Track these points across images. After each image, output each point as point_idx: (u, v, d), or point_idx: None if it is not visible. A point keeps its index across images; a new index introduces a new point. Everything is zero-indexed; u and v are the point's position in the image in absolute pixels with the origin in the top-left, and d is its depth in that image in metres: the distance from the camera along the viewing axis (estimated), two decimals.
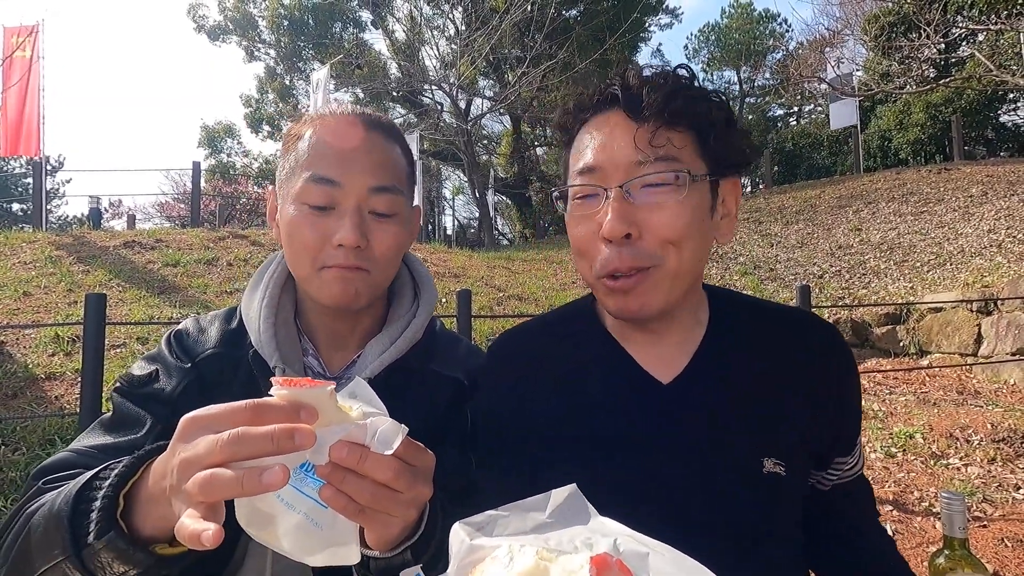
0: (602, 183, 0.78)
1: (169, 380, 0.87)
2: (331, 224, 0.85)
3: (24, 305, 5.55)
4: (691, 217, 0.76)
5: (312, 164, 0.86)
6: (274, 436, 0.50)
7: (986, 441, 4.06)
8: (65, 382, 4.30)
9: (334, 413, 0.56)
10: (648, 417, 0.82)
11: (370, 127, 0.90)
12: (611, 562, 0.46)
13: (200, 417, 0.54)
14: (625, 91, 0.78)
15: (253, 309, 0.92)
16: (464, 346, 1.04)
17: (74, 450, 0.81)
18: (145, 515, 0.60)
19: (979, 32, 11.32)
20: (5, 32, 9.92)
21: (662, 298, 0.79)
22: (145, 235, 8.24)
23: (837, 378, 0.86)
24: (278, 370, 0.85)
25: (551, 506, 0.56)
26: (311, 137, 0.88)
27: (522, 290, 7.46)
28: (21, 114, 9.93)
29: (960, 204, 9.16)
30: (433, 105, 18.13)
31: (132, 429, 0.83)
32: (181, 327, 0.95)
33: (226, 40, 20.78)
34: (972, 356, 5.60)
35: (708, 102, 0.78)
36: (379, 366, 0.89)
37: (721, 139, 0.78)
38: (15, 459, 3.41)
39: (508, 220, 27.19)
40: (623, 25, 15.69)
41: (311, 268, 0.86)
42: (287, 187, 0.88)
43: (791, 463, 0.80)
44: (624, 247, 0.76)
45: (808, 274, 7.87)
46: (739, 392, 0.82)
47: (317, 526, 0.58)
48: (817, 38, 15.31)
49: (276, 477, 0.49)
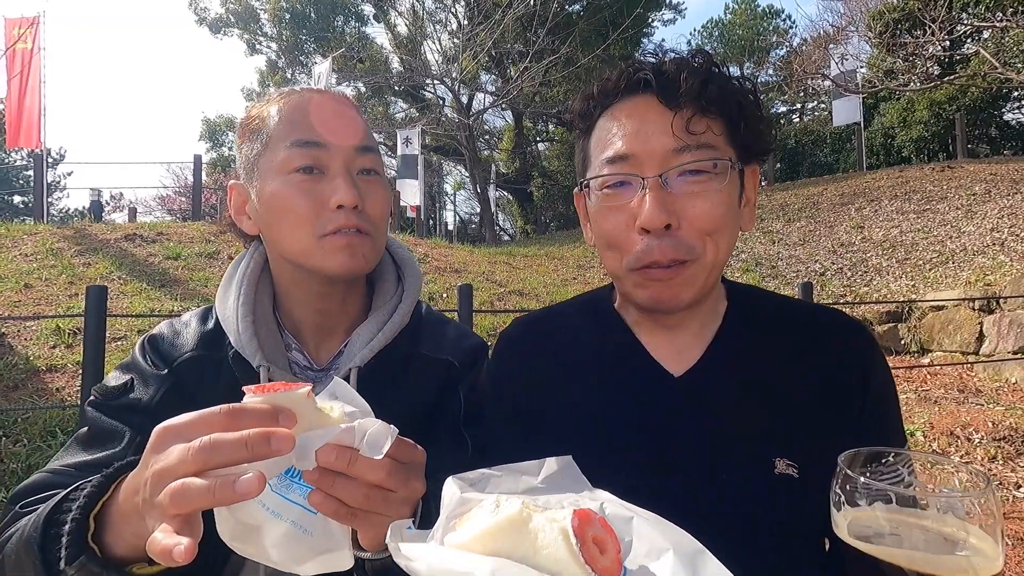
0: (637, 171, 0.75)
1: (146, 389, 0.84)
2: (323, 188, 0.82)
3: (25, 297, 5.55)
4: (728, 207, 0.75)
5: (291, 132, 0.83)
6: (248, 441, 0.48)
7: (987, 440, 4.06)
8: (66, 374, 4.31)
9: (314, 415, 0.54)
10: (658, 409, 0.81)
11: (337, 98, 0.90)
12: (594, 517, 0.46)
13: (173, 426, 0.52)
14: (659, 75, 0.75)
15: (229, 309, 0.88)
16: (452, 328, 1.01)
17: (51, 470, 0.78)
18: (118, 534, 0.58)
19: (984, 29, 11.26)
20: (6, 23, 9.89)
21: (695, 290, 0.78)
22: (146, 228, 8.23)
23: (861, 378, 0.81)
24: (262, 369, 0.82)
25: (544, 472, 0.57)
26: (280, 112, 0.86)
27: (523, 286, 7.46)
28: (22, 106, 9.91)
29: (963, 202, 9.13)
30: (435, 100, 18.09)
31: (110, 443, 0.80)
32: (155, 332, 0.91)
33: (228, 33, 20.71)
34: (974, 354, 5.59)
35: (741, 88, 0.77)
36: (368, 354, 0.86)
37: (750, 127, 0.76)
38: (16, 451, 3.42)
39: (509, 215, 27.15)
40: (626, 20, 15.61)
41: (311, 239, 0.82)
42: (263, 164, 0.85)
43: (806, 465, 0.77)
44: (664, 238, 0.74)
45: (810, 271, 7.85)
46: (752, 388, 0.80)
47: (307, 533, 0.56)
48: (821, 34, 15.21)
49: (251, 485, 0.46)
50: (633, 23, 16.27)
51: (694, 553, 0.48)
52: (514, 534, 0.44)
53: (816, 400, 0.80)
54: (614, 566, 0.45)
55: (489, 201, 17.27)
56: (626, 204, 0.76)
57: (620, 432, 0.81)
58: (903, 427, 0.87)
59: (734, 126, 0.76)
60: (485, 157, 22.08)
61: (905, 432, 0.88)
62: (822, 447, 0.78)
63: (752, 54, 25.60)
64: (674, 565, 0.47)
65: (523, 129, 21.80)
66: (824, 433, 0.79)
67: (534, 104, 17.93)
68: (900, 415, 0.87)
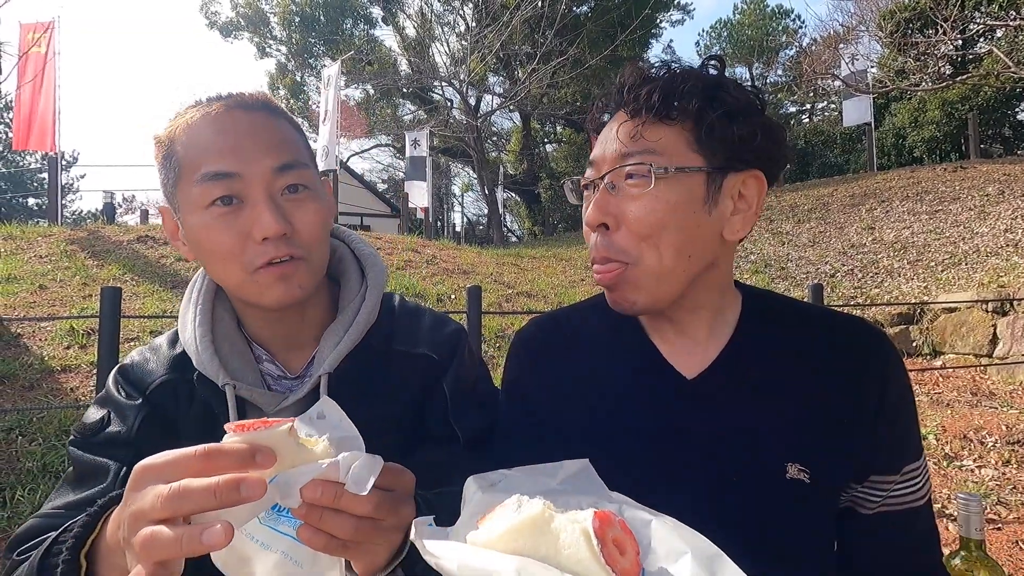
0: (595, 174, 0.81)
1: (123, 421, 0.83)
2: (245, 220, 0.76)
3: (40, 298, 5.63)
4: (666, 211, 0.75)
5: (200, 163, 0.76)
6: (217, 490, 0.47)
7: (1001, 443, 4.01)
8: (80, 374, 4.36)
9: (295, 451, 0.53)
10: (669, 410, 0.81)
11: (249, 108, 0.79)
12: (614, 519, 0.47)
13: (151, 466, 0.51)
14: (620, 88, 0.80)
15: (188, 331, 0.85)
16: (428, 318, 0.96)
17: (43, 514, 0.78)
18: (109, 569, 0.58)
19: (997, 28, 11.13)
20: (22, 28, 10.04)
21: (647, 296, 0.78)
22: (158, 230, 8.31)
23: (878, 386, 0.80)
24: (228, 388, 0.80)
25: (562, 474, 0.58)
26: (186, 134, 0.77)
27: (531, 287, 7.46)
28: (35, 109, 10.05)
29: (976, 203, 9.03)
30: (443, 101, 18.15)
31: (96, 480, 0.79)
32: (126, 361, 0.89)
33: (238, 36, 20.92)
34: (987, 357, 5.52)
35: (710, 94, 0.76)
36: (337, 357, 0.83)
37: (715, 132, 0.75)
38: (32, 449, 3.47)
39: (517, 217, 27.17)
40: (634, 21, 15.59)
41: (242, 274, 0.78)
42: (180, 198, 0.78)
43: (818, 471, 0.77)
44: (602, 236, 0.79)
45: (820, 273, 7.80)
46: (766, 393, 0.80)
47: (297, 564, 0.57)
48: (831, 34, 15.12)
49: (217, 538, 0.45)
50: (641, 24, 16.25)
51: (712, 556, 0.49)
52: (536, 534, 0.45)
53: (831, 406, 0.79)
54: (634, 567, 0.45)
55: (497, 203, 17.29)
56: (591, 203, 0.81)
57: (632, 433, 0.81)
58: (920, 437, 0.86)
59: (697, 132, 0.77)
60: (493, 159, 22.12)
61: (921, 442, 0.86)
62: (835, 453, 0.79)
63: (761, 54, 25.47)
64: (693, 568, 0.48)
65: (531, 131, 21.81)
66: (838, 439, 0.79)
67: (542, 106, 17.95)
68: (918, 425, 0.86)
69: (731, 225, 0.80)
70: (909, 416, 0.84)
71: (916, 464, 0.83)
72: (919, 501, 0.84)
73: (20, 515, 2.97)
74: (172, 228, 0.85)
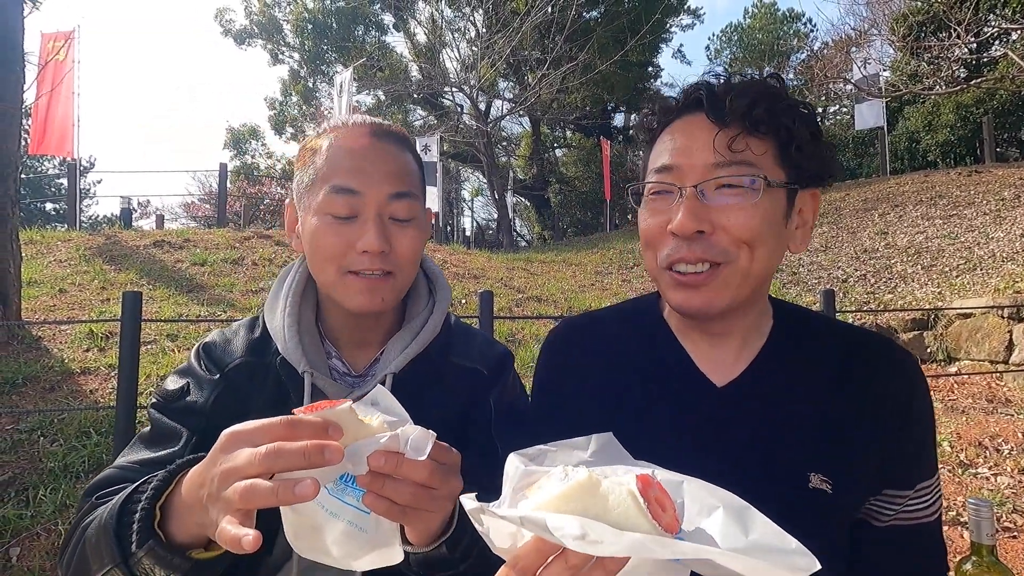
0: (677, 181, 0.79)
1: (201, 392, 0.91)
2: (354, 231, 0.88)
3: (60, 302, 5.74)
4: (763, 221, 0.77)
5: (332, 176, 0.89)
6: (306, 452, 0.55)
7: (1017, 451, 3.96)
8: (99, 377, 4.45)
9: (357, 427, 0.60)
10: (699, 417, 0.83)
11: (383, 137, 0.93)
12: (653, 481, 0.52)
13: (240, 432, 0.59)
14: (710, 95, 0.79)
15: (276, 320, 0.95)
16: (480, 338, 1.08)
17: (119, 466, 0.87)
18: (181, 523, 0.65)
19: (1013, 31, 11.02)
20: (43, 38, 10.26)
21: (729, 296, 0.79)
22: (174, 235, 8.45)
23: (902, 405, 0.83)
24: (306, 375, 0.89)
25: (592, 447, 0.63)
26: (328, 150, 0.91)
27: (541, 291, 7.48)
28: (54, 115, 10.24)
29: (991, 207, 8.92)
30: (453, 107, 18.25)
31: (170, 443, 0.88)
32: (208, 339, 0.99)
33: (252, 44, 21.18)
34: (1003, 364, 5.45)
35: (793, 112, 0.79)
36: (403, 360, 0.93)
37: (803, 150, 0.79)
38: (53, 450, 3.54)
39: (526, 222, 27.20)
40: (644, 26, 15.61)
41: (336, 274, 0.89)
42: (308, 199, 0.91)
43: (839, 482, 0.79)
44: (695, 242, 0.78)
45: (832, 278, 7.74)
46: (792, 404, 0.82)
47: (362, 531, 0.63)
48: (843, 38, 15.03)
49: (308, 489, 0.53)
50: (651, 29, 16.27)
51: (742, 508, 0.53)
52: (586, 497, 0.49)
53: (856, 420, 0.81)
54: (674, 522, 0.50)
55: (507, 207, 17.35)
56: (665, 209, 0.81)
57: (660, 438, 0.83)
58: (936, 456, 0.89)
59: (784, 148, 0.79)
60: (503, 163, 22.18)
61: (937, 462, 0.89)
62: (856, 466, 0.81)
63: (772, 58, 25.32)
64: (724, 520, 0.52)
65: (541, 135, 21.87)
66: (859, 453, 0.81)
67: (552, 111, 18.00)
68: (935, 445, 0.89)
69: (794, 239, 0.84)
70: (927, 435, 0.86)
71: (929, 482, 0.85)
72: (930, 518, 0.86)
73: (43, 514, 3.04)
74: (292, 221, 0.98)
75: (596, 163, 19.06)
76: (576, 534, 0.44)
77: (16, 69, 4.93)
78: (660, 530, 0.48)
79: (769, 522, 0.52)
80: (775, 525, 0.51)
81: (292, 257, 7.64)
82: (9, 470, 3.38)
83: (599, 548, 0.44)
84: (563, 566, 0.48)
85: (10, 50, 4.87)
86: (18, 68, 4.97)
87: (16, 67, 4.94)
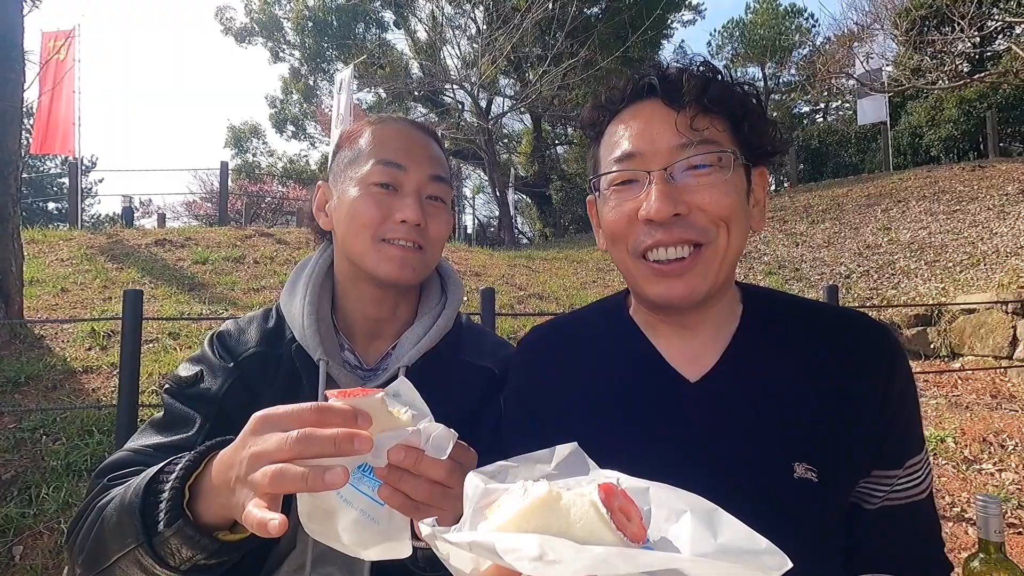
0: (643, 167, 0.78)
1: (214, 380, 0.92)
2: (394, 203, 0.92)
3: (62, 301, 5.74)
4: (736, 198, 0.77)
5: (379, 152, 0.94)
6: (337, 439, 0.55)
7: (1021, 446, 3.95)
8: (101, 375, 4.45)
9: (386, 418, 0.60)
10: (674, 415, 0.81)
11: (423, 129, 1.02)
12: (616, 490, 0.49)
13: (270, 415, 0.59)
14: (663, 79, 0.79)
15: (295, 307, 0.96)
16: (491, 338, 1.09)
17: (131, 449, 0.87)
18: (208, 505, 0.65)
19: (1016, 25, 10.95)
20: (43, 37, 10.25)
21: (710, 281, 0.78)
22: (175, 233, 8.45)
23: (883, 381, 0.80)
24: (322, 363, 0.90)
25: (555, 459, 0.61)
26: (373, 134, 0.97)
27: (543, 289, 7.47)
28: (56, 114, 10.25)
29: (995, 203, 8.88)
30: (454, 104, 18.21)
31: (183, 428, 0.89)
32: (223, 329, 0.99)
33: (252, 42, 21.17)
34: (1007, 359, 5.43)
35: (741, 90, 0.80)
36: (416, 354, 0.94)
37: (754, 126, 0.79)
38: (55, 448, 3.54)
39: (528, 219, 27.17)
40: (645, 22, 15.55)
41: (370, 241, 0.92)
42: (349, 174, 0.96)
43: (825, 470, 0.76)
44: (673, 225, 0.76)
45: (835, 274, 7.72)
46: (770, 393, 0.80)
47: (374, 521, 0.63)
48: (845, 33, 14.94)
49: (338, 477, 0.53)
50: (652, 25, 16.19)
51: (710, 511, 0.51)
52: (547, 512, 0.47)
53: (835, 403, 0.79)
54: (640, 531, 0.48)
55: (508, 204, 17.33)
56: (631, 198, 0.79)
57: (635, 438, 0.81)
58: (921, 430, 0.86)
59: (737, 125, 0.79)
60: (504, 161, 22.16)
61: (924, 437, 0.87)
62: (841, 450, 0.79)
63: (774, 54, 25.25)
64: (693, 524, 0.50)
65: (542, 132, 21.83)
66: (844, 436, 0.78)
67: (553, 107, 17.95)
68: (920, 418, 0.86)
69: (754, 217, 0.83)
70: (912, 410, 0.84)
71: (918, 458, 0.83)
72: (921, 495, 0.84)
73: (45, 513, 3.04)
74: (322, 201, 1.02)
75: None
76: (533, 555, 0.42)
77: (16, 68, 4.93)
78: (626, 541, 0.46)
79: (738, 523, 0.50)
80: (745, 526, 0.49)
81: (293, 255, 7.64)
82: (12, 469, 3.38)
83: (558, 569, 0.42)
84: None
85: (10, 49, 4.87)
86: (18, 67, 4.96)
87: (16, 66, 4.93)
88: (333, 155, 1.02)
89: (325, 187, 1.02)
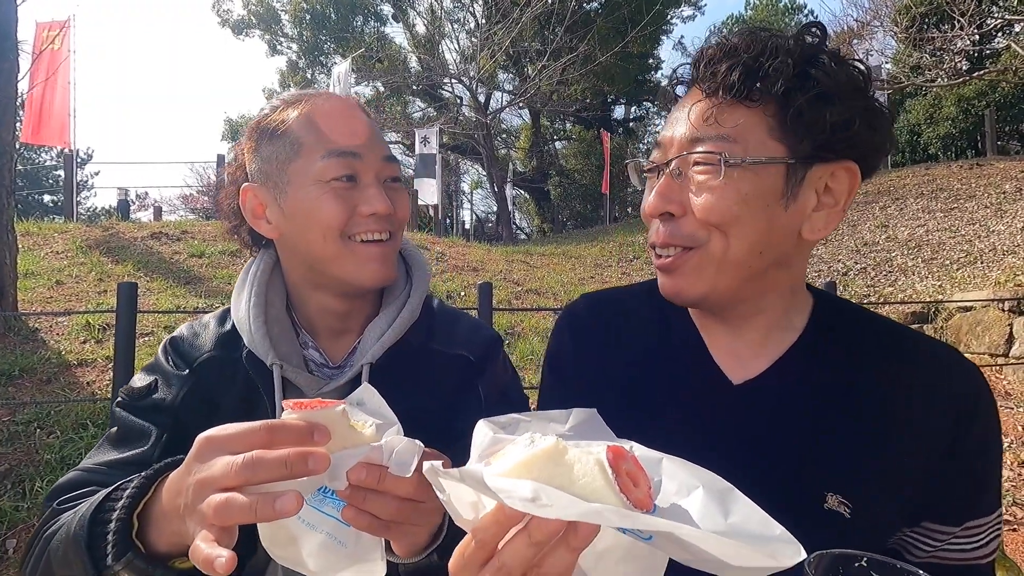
0: (662, 159, 0.74)
1: (169, 389, 0.86)
2: (356, 195, 0.84)
3: (57, 294, 5.71)
4: (736, 203, 0.68)
5: (327, 141, 0.83)
6: (288, 461, 0.50)
7: (1016, 444, 3.96)
8: (96, 368, 4.43)
9: (347, 432, 0.55)
10: (710, 415, 0.76)
11: (356, 105, 0.90)
12: (627, 454, 0.47)
13: (215, 438, 0.54)
14: (698, 63, 0.72)
15: (241, 310, 0.89)
16: (465, 322, 1.00)
17: (84, 468, 0.81)
18: (160, 532, 0.60)
19: (1016, 23, 10.94)
20: (37, 27, 10.16)
21: (704, 284, 0.72)
22: (171, 227, 8.41)
23: (960, 426, 0.71)
24: (275, 367, 0.84)
25: (572, 421, 0.57)
26: (308, 119, 0.85)
27: (540, 284, 7.46)
28: (51, 106, 10.16)
29: (992, 201, 8.89)
30: (453, 99, 18.14)
31: (138, 442, 0.83)
32: (176, 333, 0.93)
33: (249, 34, 21.04)
34: (1003, 357, 5.45)
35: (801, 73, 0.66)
36: (379, 349, 0.87)
37: (807, 117, 0.66)
38: (50, 442, 3.53)
39: (526, 214, 27.14)
40: (645, 18, 15.52)
41: (339, 244, 0.83)
42: (296, 171, 0.84)
43: (860, 506, 0.69)
44: (666, 223, 0.72)
45: (832, 271, 7.73)
46: (818, 413, 0.73)
47: (341, 544, 0.59)
48: (845, 30, 14.92)
49: (289, 504, 0.48)
50: (652, 20, 16.15)
51: (724, 491, 0.49)
52: (551, 465, 0.45)
53: (893, 438, 0.71)
54: (646, 499, 0.45)
55: (506, 200, 17.30)
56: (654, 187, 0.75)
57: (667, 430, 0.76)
58: (999, 492, 0.75)
59: (781, 117, 0.67)
60: (502, 156, 22.11)
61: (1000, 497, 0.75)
62: (885, 491, 0.71)
63: None
64: (704, 500, 0.48)
65: (540, 128, 21.79)
66: (894, 477, 0.71)
67: (552, 102, 17.89)
68: (999, 478, 0.75)
69: (811, 222, 0.71)
70: (988, 466, 0.74)
71: (985, 520, 0.73)
72: (982, 559, 0.74)
73: (39, 506, 3.03)
74: (256, 207, 0.88)
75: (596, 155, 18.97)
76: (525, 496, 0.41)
77: (10, 58, 4.88)
78: (629, 505, 0.43)
79: (754, 506, 0.46)
80: (761, 511, 0.46)
81: None
82: (5, 462, 3.37)
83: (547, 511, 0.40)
84: (526, 542, 0.43)
85: (3, 39, 4.82)
86: (12, 57, 4.91)
87: (10, 56, 4.89)
88: (252, 150, 0.88)
89: (255, 190, 0.88)
